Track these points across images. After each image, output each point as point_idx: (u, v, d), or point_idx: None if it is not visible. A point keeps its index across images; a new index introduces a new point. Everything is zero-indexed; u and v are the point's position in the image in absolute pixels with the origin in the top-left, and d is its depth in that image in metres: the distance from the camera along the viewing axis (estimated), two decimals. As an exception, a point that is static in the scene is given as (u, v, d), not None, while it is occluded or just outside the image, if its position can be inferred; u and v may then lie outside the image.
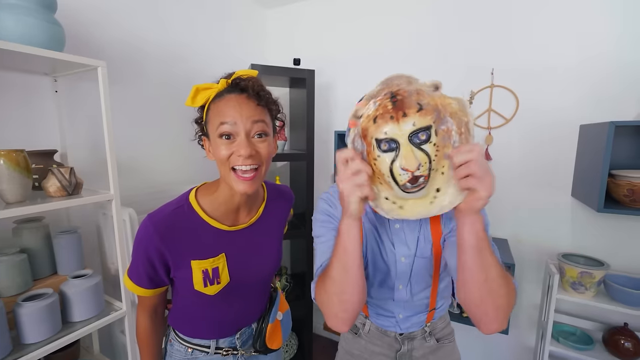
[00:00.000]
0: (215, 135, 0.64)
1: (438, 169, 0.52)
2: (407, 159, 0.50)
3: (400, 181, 0.52)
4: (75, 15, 1.20)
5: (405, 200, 0.55)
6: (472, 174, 0.48)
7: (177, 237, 0.68)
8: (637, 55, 1.33)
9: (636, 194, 1.19)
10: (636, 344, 1.30)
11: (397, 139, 0.51)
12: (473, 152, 0.48)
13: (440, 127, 0.51)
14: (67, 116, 1.20)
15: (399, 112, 0.50)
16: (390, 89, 0.51)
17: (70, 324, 1.01)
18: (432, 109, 0.50)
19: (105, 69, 0.98)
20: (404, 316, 0.81)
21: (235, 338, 0.82)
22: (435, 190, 0.54)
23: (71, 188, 0.98)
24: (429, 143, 0.51)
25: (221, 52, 1.91)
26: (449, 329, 0.89)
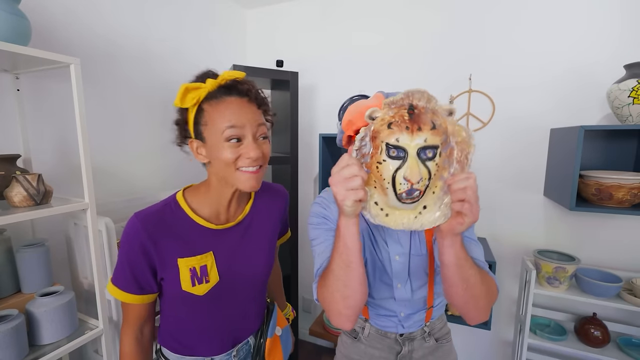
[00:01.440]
0: (220, 139, 0.64)
1: (431, 188, 0.55)
2: (411, 170, 0.52)
3: (398, 189, 0.54)
4: (41, 8, 1.10)
5: (393, 210, 0.57)
6: (467, 200, 0.51)
7: (164, 234, 0.67)
8: (599, 60, 1.44)
9: (603, 193, 1.28)
10: (604, 332, 1.40)
11: (407, 149, 0.52)
12: (470, 179, 0.51)
13: (444, 150, 0.53)
14: (30, 117, 1.09)
15: (415, 125, 0.52)
16: (410, 101, 0.52)
17: (38, 347, 0.92)
18: (442, 131, 0.53)
19: (79, 66, 0.90)
20: (406, 314, 0.81)
21: (232, 355, 0.77)
22: (422, 207, 0.56)
23: (39, 197, 0.88)
24: (433, 161, 0.53)
25: (201, 51, 1.83)
26: (446, 328, 0.91)
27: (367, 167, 0.56)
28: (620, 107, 1.25)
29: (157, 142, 1.56)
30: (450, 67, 1.71)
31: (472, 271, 0.60)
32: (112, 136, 1.36)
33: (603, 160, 1.46)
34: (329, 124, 1.98)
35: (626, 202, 1.26)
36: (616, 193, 1.25)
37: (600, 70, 1.43)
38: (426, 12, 1.73)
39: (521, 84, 1.59)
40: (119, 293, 0.67)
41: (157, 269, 0.68)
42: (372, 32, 1.86)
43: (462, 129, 0.53)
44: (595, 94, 1.45)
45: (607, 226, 1.48)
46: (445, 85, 1.72)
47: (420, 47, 1.77)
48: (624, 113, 1.24)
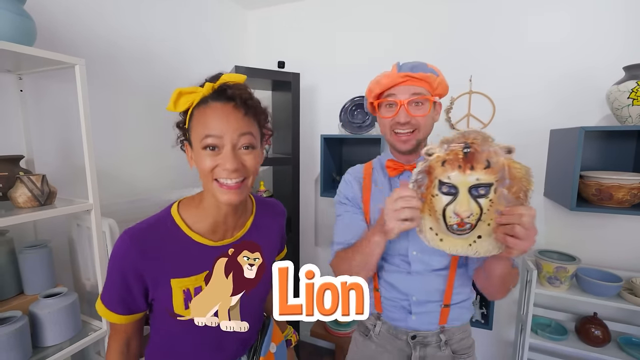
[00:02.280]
0: (199, 146, 0.59)
1: (485, 221, 0.58)
2: (461, 206, 0.56)
3: (449, 222, 0.59)
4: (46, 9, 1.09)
5: (447, 236, 0.61)
6: (515, 235, 0.54)
7: (157, 253, 0.62)
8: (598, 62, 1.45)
9: (603, 193, 1.29)
10: (605, 331, 1.41)
11: (458, 187, 0.57)
12: (523, 216, 0.54)
13: (500, 187, 0.56)
14: (33, 118, 1.08)
15: (468, 164, 0.56)
16: (466, 140, 0.56)
17: (42, 349, 0.91)
18: (498, 169, 0.56)
19: (84, 67, 0.90)
20: (418, 299, 0.79)
21: None
22: (477, 237, 0.59)
23: (44, 198, 0.88)
24: (486, 198, 0.56)
25: (202, 52, 1.83)
26: (468, 341, 0.85)
27: (423, 197, 0.61)
28: (620, 109, 1.26)
29: (160, 143, 1.55)
30: (450, 68, 1.71)
31: (510, 277, 0.69)
32: (115, 137, 1.36)
33: (602, 160, 1.47)
34: (330, 124, 1.99)
35: (626, 202, 1.27)
36: (616, 193, 1.26)
37: (600, 72, 1.45)
38: (427, 13, 1.74)
39: (521, 86, 1.60)
40: (105, 311, 0.63)
41: (149, 289, 0.63)
42: (374, 33, 1.86)
43: (521, 166, 0.56)
44: (595, 96, 1.47)
45: (607, 226, 1.50)
46: (446, 87, 1.73)
47: (421, 49, 1.78)
48: (624, 114, 1.26)
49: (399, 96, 0.74)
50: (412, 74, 0.72)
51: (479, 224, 0.58)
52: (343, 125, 1.79)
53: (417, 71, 0.73)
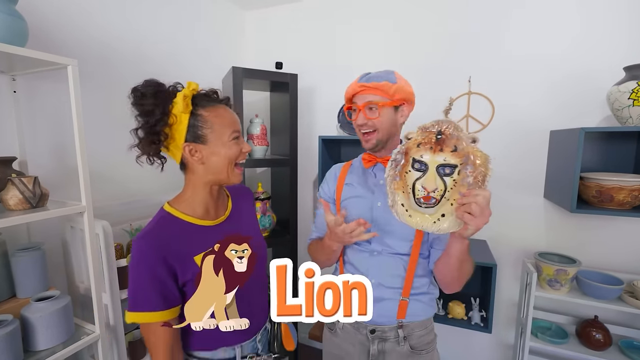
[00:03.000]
0: (227, 139, 0.74)
1: (449, 199, 0.66)
2: (428, 180, 0.66)
3: (417, 195, 0.68)
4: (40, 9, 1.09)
5: (415, 212, 0.70)
6: (471, 212, 0.62)
7: (172, 240, 0.71)
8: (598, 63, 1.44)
9: (604, 195, 1.27)
10: (605, 335, 1.39)
11: (428, 164, 0.67)
12: (478, 196, 0.61)
13: (464, 170, 0.65)
14: (27, 119, 1.07)
15: (438, 147, 0.66)
16: (439, 128, 0.66)
17: (33, 353, 0.90)
18: (463, 154, 0.65)
19: (77, 67, 0.89)
20: (376, 282, 0.84)
21: (257, 341, 0.82)
22: (441, 215, 0.68)
23: (35, 200, 0.87)
24: (450, 177, 0.66)
25: (200, 54, 1.83)
26: (428, 337, 0.88)
27: (398, 175, 0.72)
28: (621, 109, 1.24)
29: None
30: (449, 69, 1.71)
31: (467, 263, 0.77)
32: (109, 139, 1.35)
33: (603, 162, 1.45)
34: (329, 125, 1.98)
35: (627, 204, 1.26)
36: (617, 195, 1.24)
37: (601, 73, 1.43)
38: (426, 14, 1.73)
39: (521, 86, 1.59)
40: (144, 316, 0.67)
41: (178, 274, 0.70)
42: (372, 34, 1.85)
43: (482, 154, 0.64)
44: (595, 96, 1.45)
45: (608, 228, 1.48)
46: (444, 87, 1.72)
47: (419, 49, 1.76)
48: (624, 115, 1.24)
49: (358, 102, 0.86)
50: (366, 84, 0.84)
51: (443, 201, 0.66)
52: (341, 127, 1.78)
53: (371, 81, 0.84)
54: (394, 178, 0.72)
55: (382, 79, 0.83)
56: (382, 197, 0.86)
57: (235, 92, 1.60)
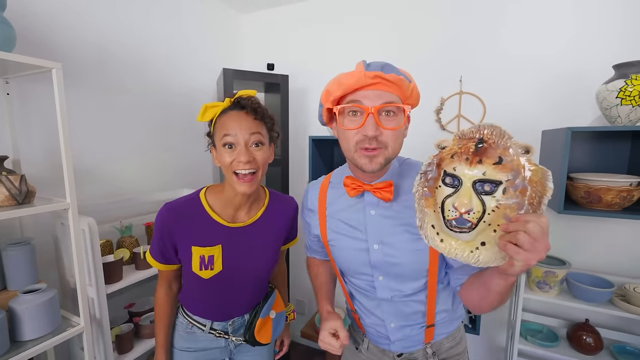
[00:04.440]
0: (220, 145, 0.76)
1: (492, 225, 0.51)
2: (461, 199, 0.51)
3: (446, 216, 0.54)
4: (30, 14, 1.14)
5: (448, 237, 0.56)
6: (518, 243, 0.46)
7: (184, 223, 0.81)
8: (590, 62, 1.41)
9: (592, 196, 1.25)
10: (596, 338, 1.36)
11: (462, 179, 0.52)
12: (529, 223, 0.45)
13: (511, 188, 0.49)
14: (20, 120, 1.12)
15: (476, 158, 0.51)
16: (480, 135, 0.52)
17: (20, 344, 0.94)
18: (510, 168, 0.49)
19: (61, 70, 0.93)
20: (397, 325, 0.74)
21: (228, 324, 0.92)
22: (480, 243, 0.53)
23: (21, 197, 0.91)
24: (491, 196, 0.50)
25: (195, 56, 1.87)
26: (458, 348, 0.80)
27: (430, 191, 0.58)
28: (609, 108, 1.22)
29: (146, 144, 1.59)
30: (440, 68, 1.70)
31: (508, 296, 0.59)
32: (100, 139, 1.40)
33: (596, 162, 1.42)
34: (323, 126, 1.99)
35: (616, 205, 1.23)
36: (605, 196, 1.22)
37: (593, 72, 1.40)
38: (417, 14, 1.73)
39: (512, 86, 1.57)
40: (151, 260, 0.86)
41: (178, 249, 0.83)
42: (364, 35, 1.86)
43: (538, 168, 0.49)
44: (588, 96, 1.42)
45: (598, 230, 1.45)
46: (436, 87, 1.71)
47: (411, 49, 1.76)
48: (613, 114, 1.22)
49: (367, 102, 0.60)
50: (384, 75, 0.59)
51: (483, 227, 0.52)
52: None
53: (388, 72, 0.61)
54: (424, 195, 0.58)
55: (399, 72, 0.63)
56: (376, 236, 0.71)
57: (226, 94, 1.64)
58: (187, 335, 0.92)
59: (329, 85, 0.66)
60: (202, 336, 0.91)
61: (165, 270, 0.87)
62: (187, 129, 1.80)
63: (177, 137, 1.75)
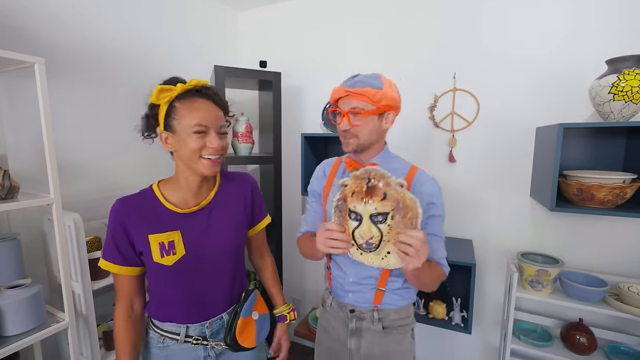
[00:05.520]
0: (189, 132, 0.76)
1: (390, 240, 0.73)
2: (364, 231, 0.72)
3: (358, 242, 0.75)
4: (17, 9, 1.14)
5: (365, 253, 0.77)
6: (408, 253, 0.68)
7: (139, 215, 0.80)
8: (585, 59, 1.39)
9: (585, 193, 1.23)
10: (590, 338, 1.34)
11: (362, 214, 0.72)
12: (413, 239, 0.67)
13: (399, 213, 0.70)
14: (7, 116, 1.13)
15: (368, 196, 0.71)
16: (368, 176, 0.71)
17: (4, 338, 0.94)
18: (393, 199, 0.70)
19: (44, 66, 0.93)
20: (353, 280, 0.93)
21: (205, 327, 0.85)
22: (386, 253, 0.75)
23: (4, 192, 0.91)
24: (384, 224, 0.71)
25: (193, 54, 1.87)
26: (403, 321, 0.95)
27: (344, 220, 0.77)
28: (602, 104, 1.20)
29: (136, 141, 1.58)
30: (434, 66, 1.69)
31: (428, 279, 0.86)
32: (90, 135, 1.40)
33: (592, 160, 1.40)
34: (315, 124, 1.98)
35: (609, 203, 1.21)
36: (597, 193, 1.20)
37: (588, 68, 1.38)
38: (410, 12, 1.71)
39: (506, 83, 1.55)
40: (108, 265, 0.80)
41: (134, 242, 0.80)
42: (358, 32, 1.85)
43: (411, 198, 0.69)
44: (582, 93, 1.40)
45: (592, 228, 1.43)
46: (429, 84, 1.69)
47: (405, 47, 1.75)
48: (605, 110, 1.20)
49: (344, 107, 0.86)
50: (351, 90, 0.83)
51: (384, 243, 0.73)
52: (325, 124, 1.78)
53: (355, 87, 0.83)
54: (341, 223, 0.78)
55: (367, 84, 0.83)
56: None
57: (218, 90, 1.63)
58: (160, 352, 0.84)
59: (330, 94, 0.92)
60: (177, 349, 0.83)
61: (123, 275, 0.81)
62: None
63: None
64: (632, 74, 1.12)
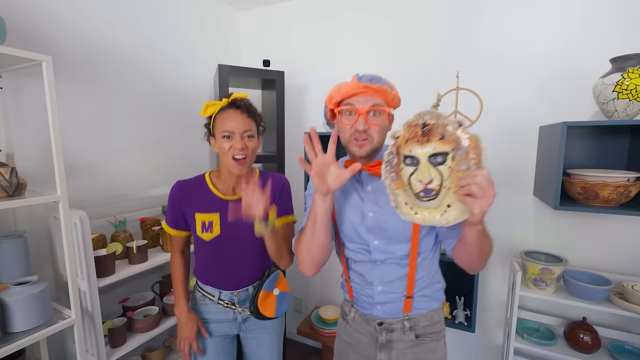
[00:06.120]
0: (220, 136, 0.95)
1: (451, 188, 0.64)
2: (421, 173, 0.66)
3: (414, 189, 0.67)
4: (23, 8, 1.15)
5: (420, 209, 0.68)
6: (472, 194, 0.58)
7: (189, 194, 1.02)
8: (588, 57, 1.39)
9: (589, 192, 1.23)
10: (594, 337, 1.34)
11: (418, 157, 0.66)
12: (476, 176, 0.58)
13: (458, 154, 0.62)
14: (13, 114, 1.13)
15: (424, 138, 0.65)
16: (423, 121, 0.66)
17: (11, 335, 0.95)
18: (452, 140, 0.63)
19: (51, 64, 0.93)
20: (382, 289, 0.86)
21: (234, 295, 1.05)
22: (447, 206, 0.65)
23: (12, 189, 0.92)
24: (444, 165, 0.64)
25: (196, 53, 1.88)
26: (434, 328, 0.90)
27: (396, 174, 0.70)
28: (606, 102, 1.20)
29: (142, 140, 1.60)
30: (437, 65, 1.69)
31: (486, 244, 0.72)
32: (96, 134, 1.40)
33: (595, 159, 1.40)
34: (318, 122, 1.98)
35: (613, 201, 1.21)
36: (601, 192, 1.20)
37: (591, 66, 1.38)
38: (414, 11, 1.72)
39: (510, 82, 1.55)
40: (166, 227, 1.06)
41: (185, 215, 1.03)
42: (361, 32, 1.85)
43: (471, 135, 0.62)
44: (586, 91, 1.40)
45: (596, 226, 1.43)
46: (432, 83, 1.70)
47: (407, 46, 1.75)
48: (610, 108, 1.20)
49: (358, 105, 0.78)
50: (371, 85, 0.77)
51: (444, 190, 0.64)
52: (327, 124, 1.78)
53: (375, 82, 0.78)
54: (392, 179, 0.70)
55: (383, 82, 0.80)
56: (371, 206, 0.84)
57: (222, 89, 1.64)
58: (200, 308, 1.08)
59: (331, 91, 0.82)
60: (212, 307, 1.06)
61: (177, 236, 1.06)
62: (183, 126, 1.80)
63: (173, 133, 1.76)
64: (636, 72, 1.12)
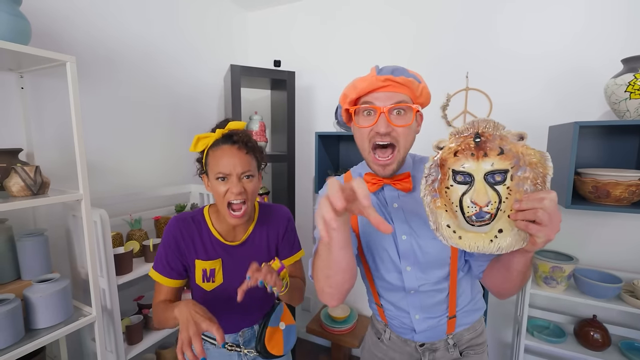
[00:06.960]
0: (214, 177, 0.81)
1: (506, 211, 0.54)
2: (478, 193, 0.54)
3: (467, 213, 0.56)
4: (45, 10, 1.16)
5: (466, 232, 0.57)
6: (538, 220, 0.48)
7: (189, 236, 0.86)
8: (598, 57, 1.40)
9: (600, 191, 1.25)
10: (604, 335, 1.35)
11: (473, 174, 0.55)
12: (544, 200, 0.48)
13: (517, 174, 0.53)
14: (34, 114, 1.15)
15: (481, 152, 0.54)
16: (475, 130, 0.55)
17: (34, 331, 0.96)
18: (512, 156, 0.53)
19: (75, 64, 0.95)
20: (421, 317, 0.76)
21: (238, 335, 0.93)
22: (498, 231, 0.55)
23: (36, 187, 0.93)
24: (503, 185, 0.53)
25: (204, 54, 1.89)
26: (478, 339, 0.82)
27: (438, 192, 0.58)
28: (618, 102, 1.21)
29: (156, 140, 1.61)
30: (447, 65, 1.70)
31: (529, 271, 0.62)
32: (111, 134, 1.42)
33: (606, 158, 1.41)
34: (330, 122, 2.00)
35: (624, 200, 1.22)
36: (613, 190, 1.21)
37: (601, 66, 1.40)
38: (423, 11, 1.73)
39: (519, 82, 1.56)
40: (157, 275, 0.86)
41: (183, 259, 0.87)
42: (371, 32, 1.87)
43: (536, 152, 0.52)
44: (597, 91, 1.42)
45: (607, 225, 1.44)
46: (442, 84, 1.71)
47: (417, 46, 1.77)
48: (622, 108, 1.21)
49: (379, 103, 0.65)
50: (394, 78, 0.64)
51: (499, 214, 0.54)
52: (338, 123, 1.79)
53: (398, 75, 0.65)
54: (433, 196, 0.58)
55: (408, 74, 0.66)
56: (403, 227, 0.72)
57: (234, 90, 1.65)
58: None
59: (345, 89, 0.70)
60: (215, 351, 0.92)
61: (167, 286, 0.86)
62: (194, 126, 1.82)
63: (185, 133, 1.77)
64: (648, 72, 1.14)
